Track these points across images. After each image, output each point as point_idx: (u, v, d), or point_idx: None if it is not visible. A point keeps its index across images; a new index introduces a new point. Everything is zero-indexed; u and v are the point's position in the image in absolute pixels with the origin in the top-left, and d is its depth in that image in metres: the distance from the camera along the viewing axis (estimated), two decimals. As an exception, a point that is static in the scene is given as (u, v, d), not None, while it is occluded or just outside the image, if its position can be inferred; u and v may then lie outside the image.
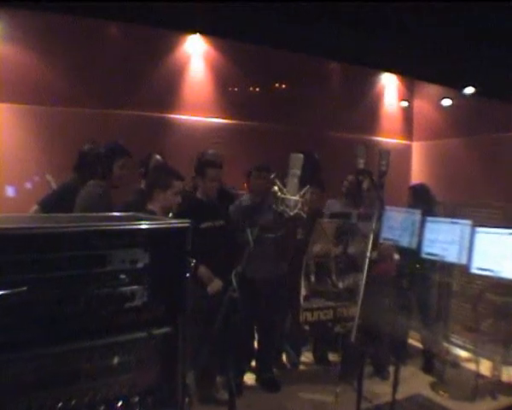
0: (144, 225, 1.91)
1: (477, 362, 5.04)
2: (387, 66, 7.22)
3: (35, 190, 5.79)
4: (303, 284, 4.67)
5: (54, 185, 4.96)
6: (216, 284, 4.19)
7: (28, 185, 6.07)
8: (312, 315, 4.57)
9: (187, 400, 2.02)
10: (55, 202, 4.27)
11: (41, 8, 5.15)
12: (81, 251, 1.72)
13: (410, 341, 5.83)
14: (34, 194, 5.32)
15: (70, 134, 5.98)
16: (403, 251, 4.86)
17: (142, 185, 4.99)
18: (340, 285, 4.79)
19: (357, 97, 8.66)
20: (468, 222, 3.98)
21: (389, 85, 9.16)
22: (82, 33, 6.25)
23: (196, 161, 4.65)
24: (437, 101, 8.76)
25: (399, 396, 4.05)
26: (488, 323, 5.12)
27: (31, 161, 6.11)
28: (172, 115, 7.17)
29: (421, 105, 9.37)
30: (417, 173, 9.22)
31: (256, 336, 5.11)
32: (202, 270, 4.14)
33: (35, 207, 4.36)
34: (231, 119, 7.58)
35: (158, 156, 5.37)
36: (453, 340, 5.71)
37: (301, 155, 3.02)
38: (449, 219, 4.23)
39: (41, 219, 2.81)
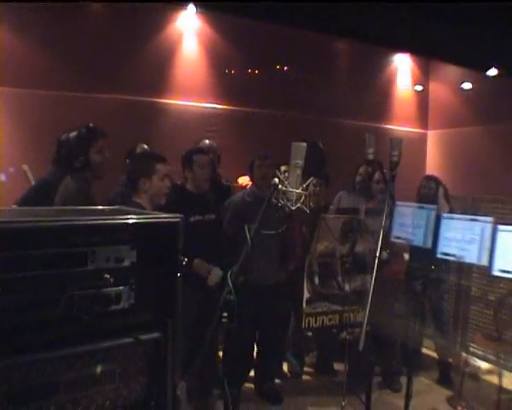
0: (131, 220, 1.91)
1: (499, 375, 5.03)
2: (401, 45, 7.20)
3: (10, 182, 5.77)
4: (305, 286, 4.66)
5: (31, 177, 4.96)
6: (215, 274, 4.24)
7: (2, 177, 6.05)
8: (316, 320, 4.57)
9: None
10: (33, 201, 4.24)
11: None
12: (60, 248, 1.71)
13: (425, 350, 5.84)
14: (9, 187, 5.32)
15: (50, 120, 5.96)
16: (416, 251, 4.86)
17: None
18: (347, 288, 4.78)
19: (367, 81, 8.64)
20: (490, 219, 3.98)
21: (402, 67, 9.14)
22: (61, 9, 6.21)
23: (183, 153, 4.68)
24: (455, 85, 8.75)
25: (412, 411, 4.06)
26: (512, 331, 5.13)
27: (4, 150, 6.09)
28: (162, 100, 7.15)
29: (438, 89, 9.35)
30: (432, 165, 9.21)
31: (255, 342, 5.12)
32: (197, 262, 4.20)
33: (14, 207, 4.35)
34: (228, 104, 7.56)
35: (145, 146, 5.41)
36: (472, 350, 5.72)
37: (304, 145, 3.01)
38: (468, 216, 4.24)
39: (15, 212, 2.80)
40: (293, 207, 2.94)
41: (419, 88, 9.34)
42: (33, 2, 5.94)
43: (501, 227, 3.94)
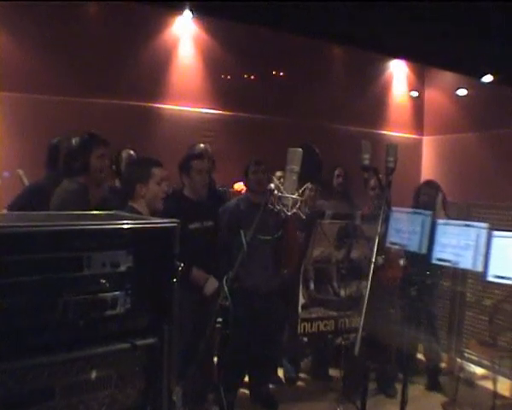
0: (127, 225, 1.91)
1: (494, 380, 5.03)
2: (396, 51, 7.22)
3: (5, 187, 5.73)
4: (301, 291, 4.67)
5: (26, 181, 4.94)
6: (211, 284, 4.25)
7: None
8: (311, 326, 4.58)
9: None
10: (26, 205, 4.21)
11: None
12: (56, 253, 1.71)
13: (420, 355, 5.84)
14: (4, 191, 5.30)
15: (45, 125, 5.95)
16: (411, 256, 4.87)
17: (117, 184, 5.02)
18: (342, 293, 4.80)
19: (363, 87, 8.65)
20: (485, 225, 3.98)
21: (398, 74, 9.15)
22: (56, 13, 6.21)
23: (181, 158, 4.67)
24: (451, 91, 8.77)
25: (407, 416, 4.06)
26: (507, 337, 5.14)
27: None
28: (158, 105, 7.14)
29: (433, 96, 9.38)
30: (428, 171, 9.21)
31: (250, 348, 5.12)
32: (195, 271, 4.21)
33: (4, 211, 4.33)
34: (224, 109, 7.55)
35: (131, 151, 5.40)
36: (467, 355, 5.72)
37: (300, 150, 3.01)
38: (463, 222, 4.24)
39: (10, 217, 2.79)
40: (289, 213, 2.94)
41: (415, 94, 9.36)
42: (30, 5, 5.93)
43: (496, 233, 3.94)
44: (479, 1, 4.57)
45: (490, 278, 3.91)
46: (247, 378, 5.11)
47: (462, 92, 8.50)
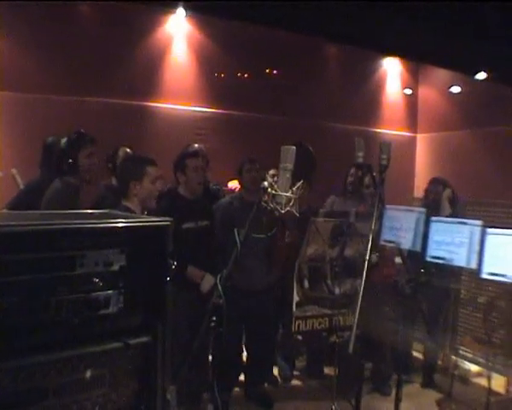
0: (120, 223, 1.90)
1: (489, 377, 5.04)
2: (390, 49, 7.23)
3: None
4: (295, 289, 4.67)
5: (19, 181, 4.93)
6: (208, 281, 4.25)
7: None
8: (306, 324, 4.58)
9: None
10: (22, 205, 4.21)
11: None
12: (49, 252, 1.70)
13: (414, 353, 5.85)
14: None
15: (39, 124, 5.93)
16: (405, 254, 4.87)
17: (114, 181, 5.01)
18: (337, 291, 4.79)
19: (357, 85, 8.65)
20: (478, 222, 3.99)
21: (392, 71, 9.16)
22: (50, 13, 6.19)
23: (176, 157, 4.66)
24: (444, 88, 8.77)
25: (402, 414, 4.06)
26: (501, 334, 5.14)
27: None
28: (152, 104, 7.13)
29: (427, 93, 9.39)
30: (422, 168, 9.23)
31: (245, 347, 5.12)
32: (191, 269, 4.20)
33: (4, 211, 4.33)
34: (218, 108, 7.54)
35: (127, 149, 5.40)
36: (462, 353, 5.74)
37: (293, 148, 3.02)
38: (457, 220, 4.25)
39: (3, 216, 2.78)
40: (283, 211, 2.94)
41: (408, 92, 9.37)
42: (24, 5, 5.91)
43: (490, 230, 3.95)
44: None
45: (484, 276, 3.92)
46: (242, 377, 5.12)
47: (456, 90, 8.51)
